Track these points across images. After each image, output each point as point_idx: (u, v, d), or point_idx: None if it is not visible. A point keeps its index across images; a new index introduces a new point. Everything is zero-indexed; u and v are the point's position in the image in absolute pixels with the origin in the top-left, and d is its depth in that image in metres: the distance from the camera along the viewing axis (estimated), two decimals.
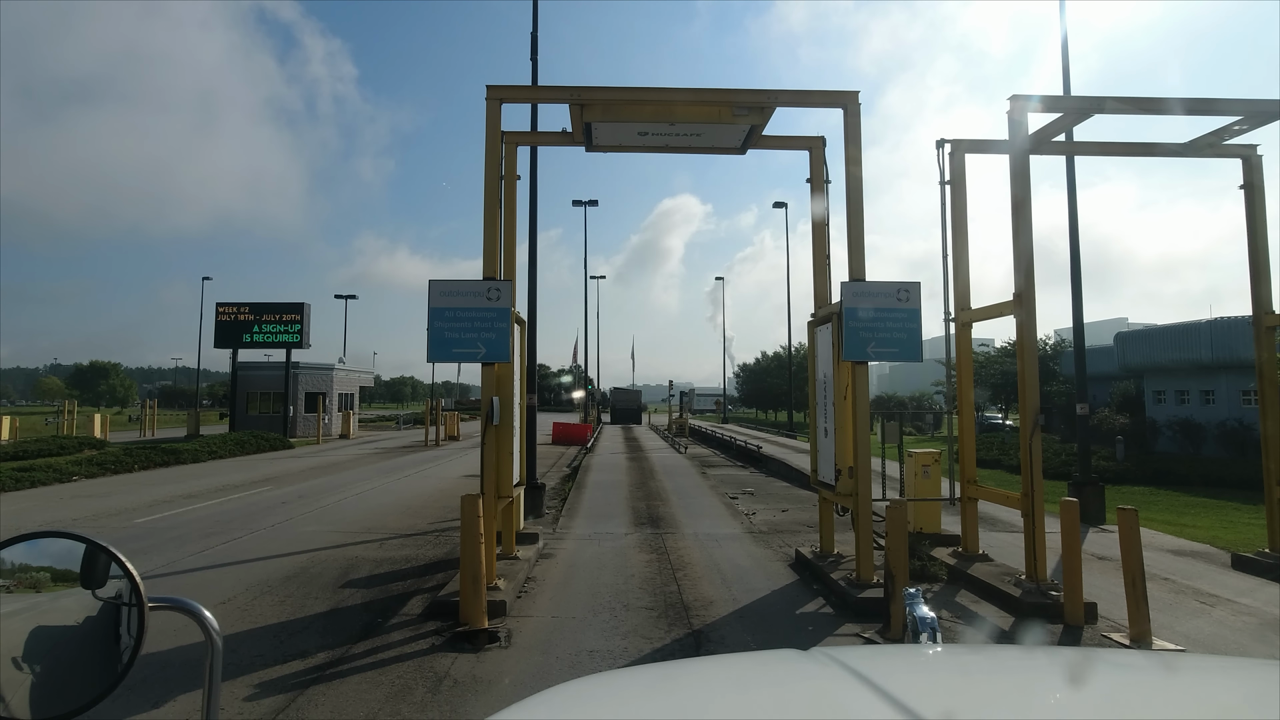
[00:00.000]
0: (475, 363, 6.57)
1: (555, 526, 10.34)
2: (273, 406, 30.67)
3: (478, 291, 6.63)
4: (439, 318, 6.59)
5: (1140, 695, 0.98)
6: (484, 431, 6.53)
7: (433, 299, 6.61)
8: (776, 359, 66.14)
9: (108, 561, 1.03)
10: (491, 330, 6.59)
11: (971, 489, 7.72)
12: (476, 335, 6.58)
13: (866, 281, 6.75)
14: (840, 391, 6.95)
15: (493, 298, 6.63)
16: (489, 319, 6.60)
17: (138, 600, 1.01)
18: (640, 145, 7.95)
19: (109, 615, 1.02)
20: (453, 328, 6.59)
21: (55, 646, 0.99)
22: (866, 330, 6.66)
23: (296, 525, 10.06)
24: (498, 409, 6.56)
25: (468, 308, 6.61)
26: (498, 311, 6.61)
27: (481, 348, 6.57)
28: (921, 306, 6.74)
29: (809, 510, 12.08)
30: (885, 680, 0.94)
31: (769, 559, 8.33)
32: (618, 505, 12.37)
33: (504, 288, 6.66)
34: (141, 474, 16.03)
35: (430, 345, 6.57)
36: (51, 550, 1.03)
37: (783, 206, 33.34)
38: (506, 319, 6.60)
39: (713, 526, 10.52)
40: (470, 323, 6.59)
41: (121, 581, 1.03)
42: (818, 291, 8.01)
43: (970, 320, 7.87)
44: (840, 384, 6.95)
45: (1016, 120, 6.80)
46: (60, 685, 0.96)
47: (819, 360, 7.74)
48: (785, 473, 18.23)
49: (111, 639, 1.01)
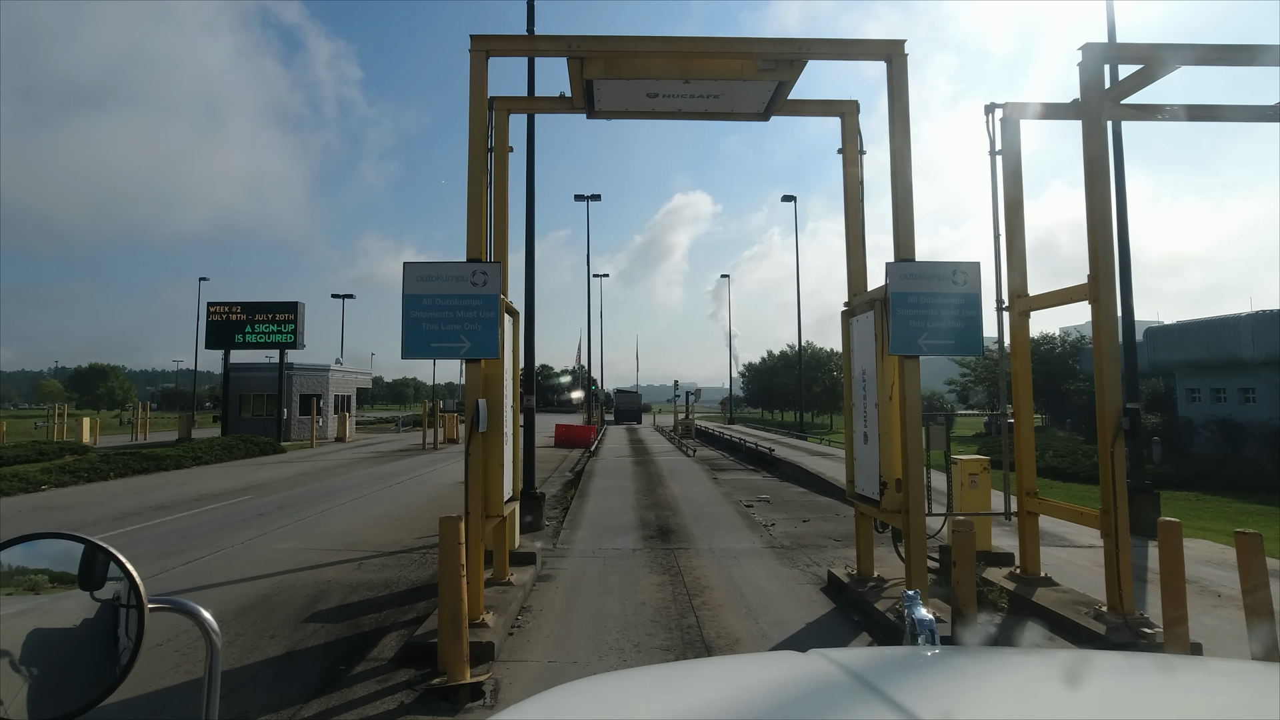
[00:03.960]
0: (458, 359, 5.59)
1: (556, 541, 9.36)
2: (266, 409, 29.71)
3: (461, 275, 5.66)
4: (415, 306, 5.62)
5: (1139, 696, 0.98)
6: (468, 440, 5.55)
7: (408, 284, 5.64)
8: (784, 358, 65.09)
9: (106, 562, 1.03)
10: (477, 321, 5.62)
11: (1033, 502, 6.72)
12: (460, 327, 5.60)
13: (918, 262, 5.77)
14: (885, 391, 5.95)
15: (479, 283, 5.65)
16: (474, 307, 5.62)
17: (137, 601, 1.01)
18: (649, 110, 6.97)
19: (108, 616, 1.02)
20: (432, 318, 5.61)
21: (54, 648, 0.99)
22: (917, 319, 5.67)
23: (269, 542, 9.09)
24: (484, 413, 5.59)
25: (449, 294, 5.63)
26: (485, 299, 5.63)
27: (465, 341, 5.60)
28: (981, 291, 5.75)
29: (832, 521, 11.09)
30: (884, 681, 0.94)
31: (797, 581, 7.33)
32: (624, 515, 11.38)
33: (492, 271, 5.68)
34: (117, 482, 15.09)
35: (405, 339, 5.60)
36: (50, 551, 1.03)
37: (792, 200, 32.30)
38: (495, 307, 5.63)
39: (729, 540, 9.53)
40: (452, 312, 5.62)
41: (120, 583, 1.03)
42: (852, 277, 7.01)
43: (1029, 309, 6.86)
44: (885, 382, 5.96)
45: (1090, 73, 5.80)
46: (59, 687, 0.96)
47: (856, 355, 6.74)
48: (801, 477, 17.23)
49: (110, 640, 1.01)
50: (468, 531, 5.39)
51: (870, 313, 6.21)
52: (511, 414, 6.62)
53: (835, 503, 13.19)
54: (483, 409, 5.54)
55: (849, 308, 6.97)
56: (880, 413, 5.96)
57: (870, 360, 6.25)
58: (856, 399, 6.69)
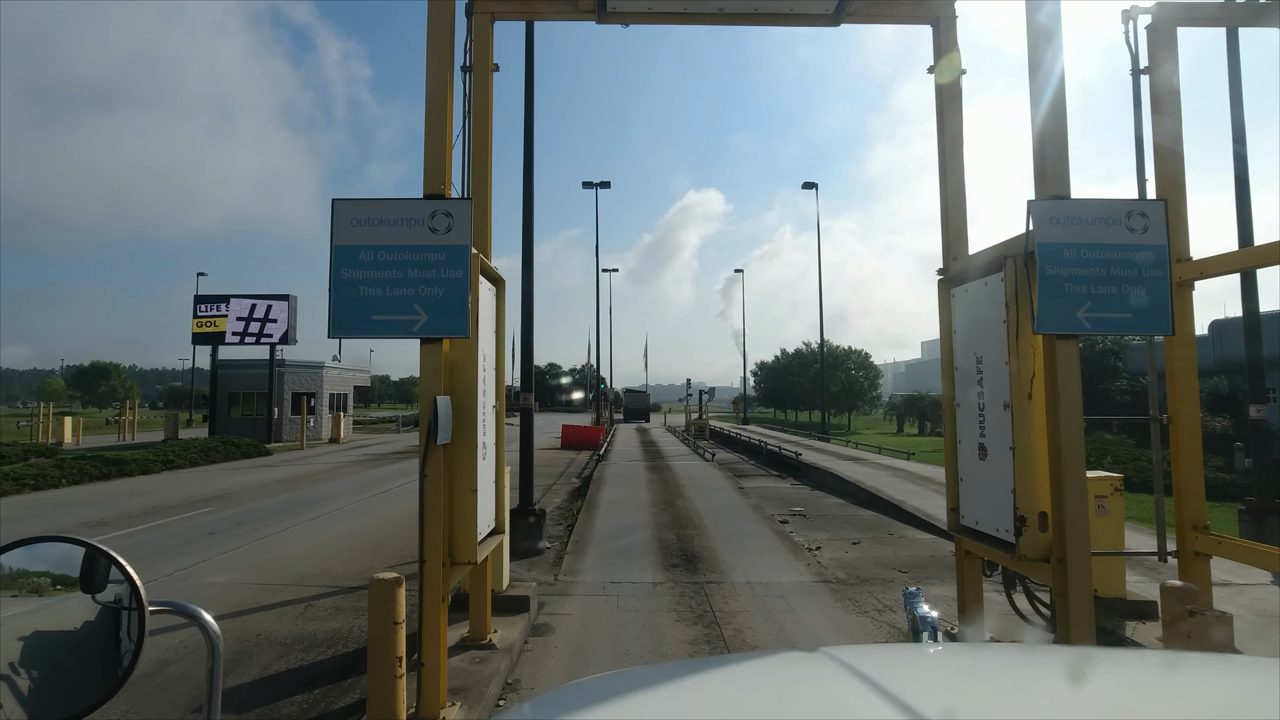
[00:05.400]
0: (407, 338, 3.86)
1: (557, 572, 7.62)
2: (256, 408, 28.09)
3: (415, 217, 3.92)
4: (349, 262, 3.89)
5: (1142, 693, 0.97)
6: (424, 455, 3.81)
7: (338, 230, 3.90)
8: (798, 356, 63.14)
9: (107, 565, 1.02)
10: (437, 283, 3.88)
11: (1204, 539, 4.92)
12: (412, 291, 3.87)
13: (1075, 199, 3.99)
14: (1021, 386, 4.17)
15: (440, 228, 3.92)
16: (434, 264, 3.89)
17: (138, 604, 1.00)
18: (679, 12, 5.21)
19: (109, 619, 1.01)
20: (373, 279, 3.88)
21: (55, 651, 0.99)
22: (1077, 282, 3.90)
23: (205, 573, 7.38)
24: (446, 416, 3.85)
25: (398, 246, 3.90)
26: (449, 252, 3.90)
27: (420, 313, 3.86)
28: (1169, 241, 3.97)
29: (887, 543, 9.30)
30: (887, 680, 0.93)
31: (872, 637, 5.57)
32: (640, 535, 9.63)
33: (459, 212, 3.94)
34: (68, 490, 13.46)
35: (334, 309, 3.87)
36: (50, 554, 1.02)
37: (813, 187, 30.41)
38: (462, 263, 3.89)
39: (770, 569, 7.77)
40: (402, 270, 3.88)
41: (121, 585, 1.02)
42: (951, 233, 5.23)
43: (1194, 277, 5.08)
44: (1020, 374, 4.17)
45: None
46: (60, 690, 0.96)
47: (961, 338, 4.96)
48: (834, 485, 15.44)
49: (111, 643, 1.01)
50: (423, 589, 3.68)
51: (993, 277, 4.42)
52: (494, 417, 4.88)
53: (882, 518, 11.41)
54: (443, 411, 3.79)
55: (947, 275, 5.19)
56: (1016, 417, 4.17)
57: (990, 343, 4.47)
58: (963, 397, 4.90)
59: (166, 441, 21.70)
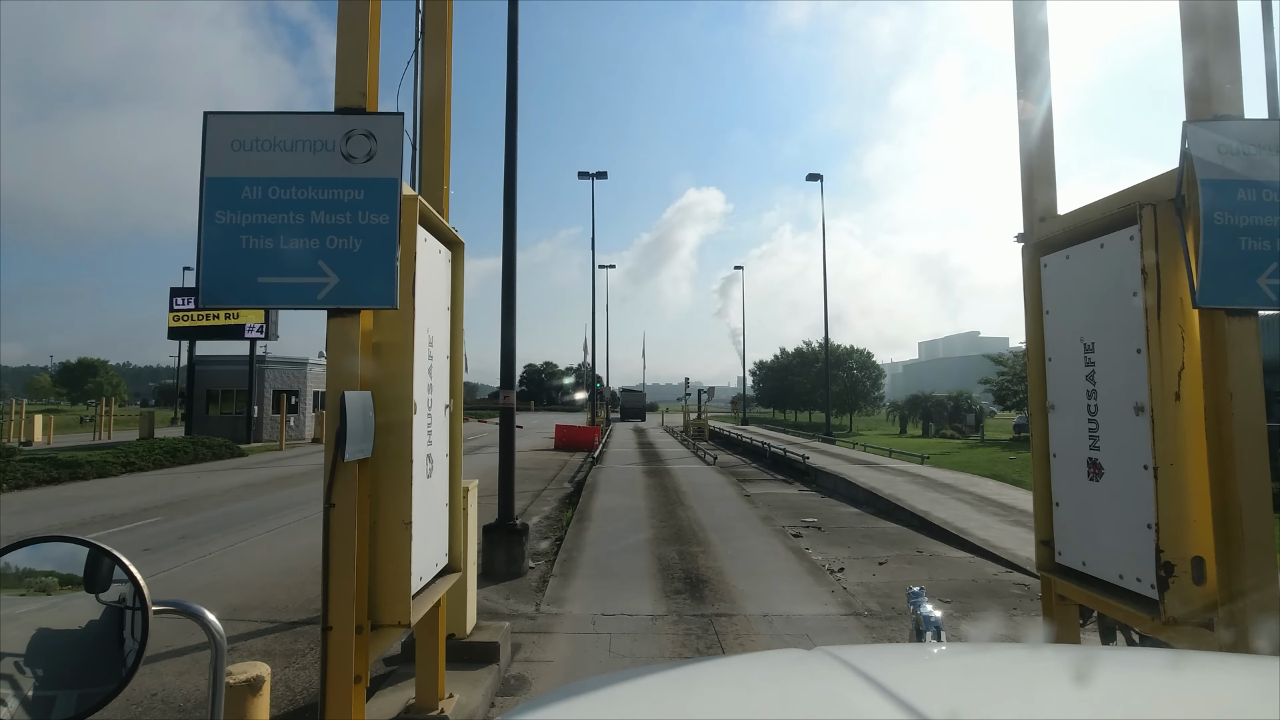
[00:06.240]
0: (311, 308, 2.71)
1: (539, 600, 6.48)
2: (236, 406, 26.83)
3: (322, 139, 2.78)
4: (228, 201, 2.74)
5: (1145, 693, 0.96)
6: (329, 479, 2.66)
7: (213, 158, 2.75)
8: (798, 355, 61.99)
9: (111, 565, 1.03)
10: (353, 232, 2.73)
11: None
12: (317, 244, 2.72)
13: (1254, 120, 2.86)
14: (1165, 382, 3.01)
15: (358, 154, 2.77)
16: (348, 205, 2.74)
17: (141, 604, 1.01)
18: None
19: (113, 619, 1.02)
20: (259, 226, 2.73)
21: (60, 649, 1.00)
22: (1257, 234, 2.78)
23: None
24: (361, 421, 2.69)
25: (296, 179, 2.76)
26: (370, 187, 2.75)
27: (327, 274, 2.71)
28: None
29: (917, 563, 8.18)
30: (890, 679, 0.91)
31: None
32: (636, 553, 8.49)
33: (386, 131, 2.79)
34: (7, 496, 12.24)
35: (204, 269, 2.71)
36: (55, 554, 1.03)
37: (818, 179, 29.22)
38: (389, 204, 2.74)
39: (789, 598, 6.65)
40: (303, 213, 2.73)
41: (125, 585, 1.02)
42: (1033, 186, 4.08)
43: None
44: (1166, 366, 3.02)
45: None
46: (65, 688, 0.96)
47: (1058, 319, 3.80)
48: (847, 492, 14.32)
49: (115, 642, 1.01)
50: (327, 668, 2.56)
51: (1115, 236, 3.26)
52: (449, 421, 3.73)
53: (905, 531, 10.29)
54: (356, 412, 2.63)
55: (1033, 239, 4.03)
56: (1157, 424, 3.00)
57: (1109, 325, 3.32)
58: (1061, 397, 3.74)
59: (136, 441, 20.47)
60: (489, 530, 7.42)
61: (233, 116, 2.78)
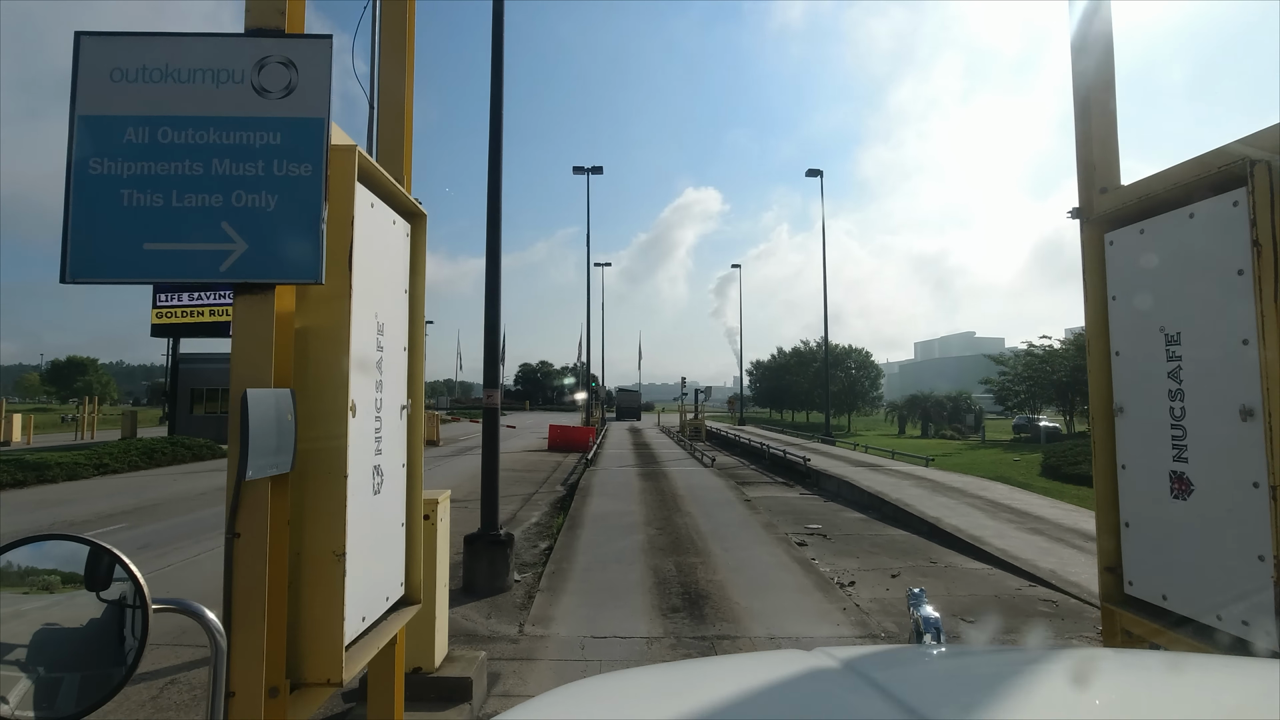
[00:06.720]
0: (210, 281, 2.11)
1: (523, 620, 5.90)
2: (221, 405, 26.13)
3: (226, 68, 2.18)
4: (105, 147, 2.13)
5: (1145, 694, 0.96)
6: (233, 502, 2.07)
7: (86, 92, 2.14)
8: (796, 354, 61.51)
9: (111, 563, 1.02)
10: (266, 185, 2.14)
11: None
12: (220, 201, 2.13)
13: None
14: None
15: (273, 86, 2.17)
16: (259, 151, 2.15)
17: (142, 602, 1.01)
18: None
19: (113, 617, 1.01)
20: (145, 178, 2.13)
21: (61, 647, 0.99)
22: None
23: None
24: (270, 426, 2.10)
25: (193, 118, 2.16)
26: (289, 128, 2.16)
27: (234, 239, 2.12)
28: None
29: (931, 575, 7.63)
30: (889, 680, 0.92)
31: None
32: (631, 565, 7.90)
33: (309, 57, 2.20)
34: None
35: (72, 233, 2.11)
36: (56, 553, 1.02)
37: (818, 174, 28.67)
38: (314, 150, 2.15)
39: (798, 617, 6.09)
40: (202, 161, 2.14)
41: (126, 584, 1.02)
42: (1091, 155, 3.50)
43: None
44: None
45: None
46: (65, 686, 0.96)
47: (1126, 305, 3.22)
48: (851, 496, 13.76)
49: (116, 640, 1.01)
50: None
51: (1209, 204, 2.69)
52: (407, 425, 3.13)
53: (916, 539, 9.74)
54: (260, 415, 2.04)
55: (1092, 214, 3.45)
56: (1276, 434, 2.44)
57: (1200, 312, 2.75)
58: (1132, 398, 3.16)
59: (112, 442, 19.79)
60: (470, 541, 6.83)
61: (114, 38, 2.18)
